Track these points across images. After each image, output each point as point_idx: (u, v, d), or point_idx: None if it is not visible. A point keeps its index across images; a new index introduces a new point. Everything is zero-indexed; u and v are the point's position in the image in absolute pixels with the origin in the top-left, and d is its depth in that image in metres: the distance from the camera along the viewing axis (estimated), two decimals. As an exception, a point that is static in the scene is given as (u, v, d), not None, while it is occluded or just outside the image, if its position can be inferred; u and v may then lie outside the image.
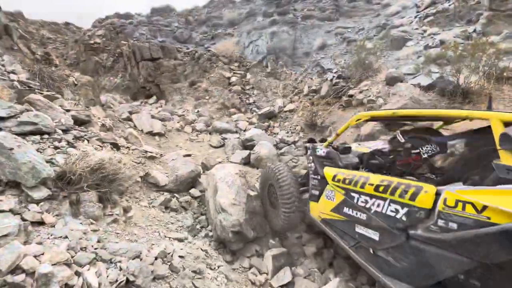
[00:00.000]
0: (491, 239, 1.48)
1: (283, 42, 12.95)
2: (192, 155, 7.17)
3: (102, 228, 2.42)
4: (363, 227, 2.31)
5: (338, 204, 2.58)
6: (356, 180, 2.37)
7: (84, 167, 2.44)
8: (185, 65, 14.25)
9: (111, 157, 2.71)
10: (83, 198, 2.49)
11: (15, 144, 2.37)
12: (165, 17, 19.88)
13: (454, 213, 1.66)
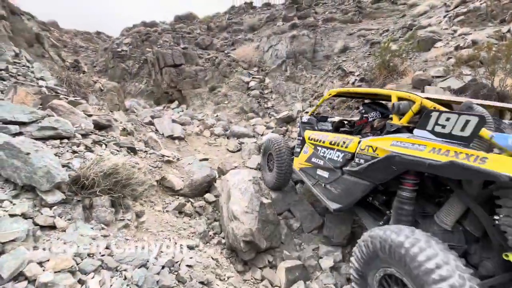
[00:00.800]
0: (377, 167, 2.25)
1: (303, 46, 12.74)
2: (209, 159, 7.16)
3: (112, 234, 2.40)
4: (320, 170, 3.25)
5: (310, 156, 3.54)
6: (320, 138, 3.35)
7: (98, 172, 2.45)
8: (205, 70, 14.49)
9: (124, 162, 2.70)
10: (96, 202, 2.49)
11: (33, 148, 2.42)
12: (188, 25, 20.42)
13: (363, 153, 2.48)
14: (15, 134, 2.81)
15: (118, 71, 17.03)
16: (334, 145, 2.99)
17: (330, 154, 3.07)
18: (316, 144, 3.40)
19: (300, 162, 3.78)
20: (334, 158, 2.96)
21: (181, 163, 4.82)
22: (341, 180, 2.81)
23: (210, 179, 4.64)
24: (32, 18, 8.55)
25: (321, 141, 3.29)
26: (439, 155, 1.79)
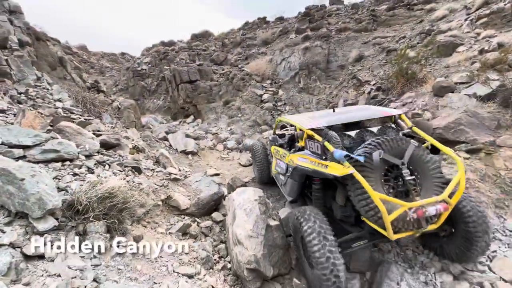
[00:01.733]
0: (295, 173, 3.48)
1: (316, 57, 12.53)
2: (221, 174, 7.01)
3: (104, 263, 2.25)
4: (280, 175, 4.32)
5: (275, 165, 4.61)
6: (277, 152, 4.46)
7: (91, 197, 2.34)
8: (220, 85, 14.64)
9: (121, 185, 2.58)
10: (90, 229, 2.37)
11: (29, 173, 2.37)
12: (204, 42, 20.99)
13: (289, 164, 3.65)
14: (18, 158, 2.81)
15: (138, 89, 17.70)
16: (281, 158, 4.20)
17: (281, 164, 4.23)
18: (276, 156, 4.61)
19: (273, 170, 4.88)
20: (282, 167, 4.12)
21: (189, 181, 4.68)
22: (287, 182, 3.96)
23: (218, 197, 4.44)
24: (58, 44, 9.07)
25: (277, 154, 4.46)
26: (312, 165, 2.99)
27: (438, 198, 2.37)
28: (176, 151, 8.42)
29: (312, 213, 2.71)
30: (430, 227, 2.49)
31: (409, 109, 6.88)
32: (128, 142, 5.18)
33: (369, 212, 2.42)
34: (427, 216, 2.38)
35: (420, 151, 2.61)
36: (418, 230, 2.46)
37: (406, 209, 2.32)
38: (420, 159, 2.58)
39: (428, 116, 6.11)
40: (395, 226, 2.38)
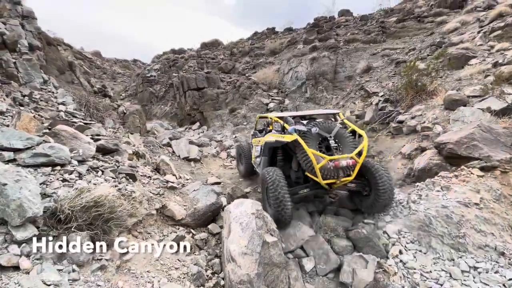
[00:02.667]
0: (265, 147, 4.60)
1: (323, 67, 12.42)
2: (222, 183, 6.83)
3: (83, 277, 2.08)
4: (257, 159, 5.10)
5: (254, 152, 5.57)
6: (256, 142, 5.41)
7: (75, 205, 2.19)
8: (226, 93, 14.64)
9: (108, 194, 2.43)
10: (71, 239, 2.21)
11: (13, 178, 2.25)
12: (213, 51, 21.21)
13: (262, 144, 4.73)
14: (8, 161, 2.71)
15: (147, 95, 17.88)
16: (258, 144, 5.19)
17: (257, 148, 5.24)
18: (255, 145, 5.56)
19: (252, 157, 5.76)
20: (258, 150, 5.12)
21: (186, 190, 4.52)
22: (261, 160, 4.81)
23: (215, 207, 4.26)
24: (69, 49, 9.22)
25: (256, 143, 5.42)
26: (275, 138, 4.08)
27: (348, 155, 3.62)
28: (178, 158, 8.31)
29: (274, 171, 3.83)
30: (346, 178, 3.76)
31: (418, 122, 6.63)
32: (129, 148, 5.08)
33: (307, 164, 3.66)
34: (341, 167, 3.59)
35: (342, 130, 4.08)
36: (338, 179, 3.67)
37: (327, 160, 3.51)
38: (342, 135, 4.00)
39: (439, 129, 5.84)
40: (323, 174, 3.59)
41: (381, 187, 3.81)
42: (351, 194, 4.54)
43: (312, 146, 3.70)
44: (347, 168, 3.68)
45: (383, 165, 4.24)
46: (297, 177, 4.27)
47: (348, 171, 3.72)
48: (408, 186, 5.45)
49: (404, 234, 4.29)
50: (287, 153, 4.46)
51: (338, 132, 3.96)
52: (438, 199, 4.34)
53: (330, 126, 4.04)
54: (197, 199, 4.22)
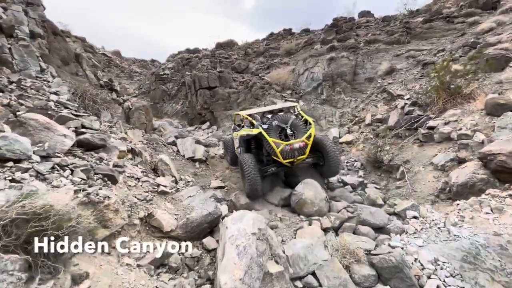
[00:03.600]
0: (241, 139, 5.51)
1: (341, 68, 11.57)
2: (226, 187, 6.15)
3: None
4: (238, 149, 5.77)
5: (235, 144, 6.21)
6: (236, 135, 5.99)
7: (3, 217, 1.58)
8: (238, 93, 14.05)
9: (51, 204, 1.80)
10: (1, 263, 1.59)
11: None
12: (227, 51, 20.76)
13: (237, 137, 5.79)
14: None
15: (159, 93, 17.57)
16: (237, 136, 5.72)
17: (236, 141, 5.87)
18: (235, 137, 5.96)
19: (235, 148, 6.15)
20: (237, 142, 5.84)
21: (180, 196, 3.86)
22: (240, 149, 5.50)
23: (213, 218, 3.58)
24: (79, 41, 8.90)
25: (236, 136, 5.81)
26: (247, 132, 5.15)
27: (300, 139, 4.64)
28: (183, 158, 7.72)
29: (248, 156, 4.77)
30: (301, 156, 4.74)
31: (453, 128, 5.71)
32: (122, 145, 4.51)
33: (271, 149, 4.62)
34: (296, 149, 4.59)
35: (296, 120, 4.98)
36: (295, 158, 4.68)
37: (285, 145, 4.52)
38: (296, 124, 4.90)
39: (481, 137, 4.92)
40: (283, 155, 4.57)
41: (331, 158, 4.97)
42: (313, 165, 5.51)
43: (273, 135, 4.68)
44: (300, 149, 4.66)
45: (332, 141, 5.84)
46: (267, 160, 5.22)
47: (301, 151, 4.69)
48: (443, 203, 4.57)
49: (442, 264, 3.46)
50: (258, 142, 5.27)
51: (293, 122, 4.92)
52: (488, 224, 3.48)
53: (287, 118, 4.99)
54: (192, 207, 3.56)
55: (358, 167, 6.80)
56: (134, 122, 8.29)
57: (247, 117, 5.62)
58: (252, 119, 5.43)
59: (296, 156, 4.68)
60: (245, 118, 5.73)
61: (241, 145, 5.53)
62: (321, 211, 4.56)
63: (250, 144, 5.48)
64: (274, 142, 4.55)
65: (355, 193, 5.71)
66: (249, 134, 5.12)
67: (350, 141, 7.79)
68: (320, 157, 5.21)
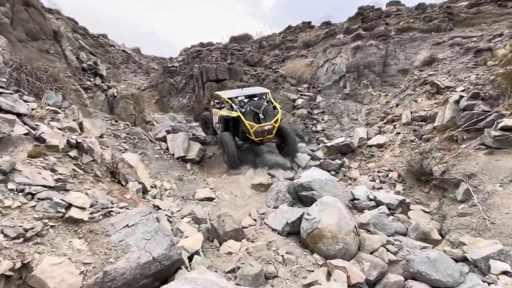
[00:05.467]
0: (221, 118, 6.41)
1: (369, 58, 9.70)
2: (217, 199, 4.59)
3: None
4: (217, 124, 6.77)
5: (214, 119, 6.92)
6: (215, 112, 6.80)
7: None
8: (249, 87, 12.50)
9: None
10: None
11: None
12: (241, 44, 19.28)
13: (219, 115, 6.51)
14: None
15: (166, 86, 16.36)
16: (216, 113, 6.62)
17: (216, 118, 6.69)
18: (215, 114, 6.80)
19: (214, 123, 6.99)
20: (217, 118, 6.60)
21: (109, 224, 2.31)
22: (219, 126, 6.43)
23: (161, 267, 2.02)
24: (67, 20, 7.72)
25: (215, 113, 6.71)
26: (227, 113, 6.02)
27: (269, 123, 5.64)
28: (172, 157, 6.26)
29: (228, 135, 5.86)
30: (269, 136, 5.80)
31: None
32: (58, 137, 3.08)
33: (246, 129, 5.59)
34: (265, 130, 5.60)
35: (268, 106, 6.02)
36: (265, 137, 5.74)
37: (257, 127, 5.54)
38: (267, 109, 5.92)
39: None
40: (255, 135, 5.58)
41: (290, 142, 6.03)
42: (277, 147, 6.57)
43: (249, 118, 5.65)
44: (268, 131, 5.69)
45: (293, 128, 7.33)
46: (242, 137, 6.13)
47: (269, 132, 5.72)
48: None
49: None
50: (235, 122, 6.10)
51: (265, 107, 5.91)
52: None
53: (260, 104, 5.95)
54: (127, 246, 2.03)
55: (394, 179, 5.01)
56: (119, 113, 6.94)
57: (228, 101, 6.19)
58: (232, 102, 6.08)
59: (265, 136, 5.71)
60: (226, 101, 6.29)
61: (221, 122, 6.43)
62: (347, 251, 2.89)
63: (229, 123, 6.32)
64: (249, 124, 5.52)
65: (393, 217, 3.96)
66: (229, 116, 5.99)
67: (382, 144, 5.99)
68: (283, 140, 6.19)
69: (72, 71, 6.42)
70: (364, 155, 6.13)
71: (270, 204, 4.29)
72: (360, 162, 5.98)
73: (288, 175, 5.68)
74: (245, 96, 6.30)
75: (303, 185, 4.19)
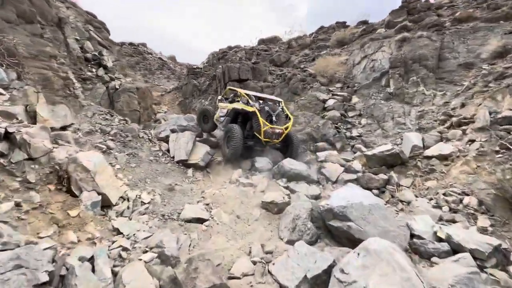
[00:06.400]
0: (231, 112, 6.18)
1: (419, 51, 7.93)
2: (211, 220, 3.32)
3: None
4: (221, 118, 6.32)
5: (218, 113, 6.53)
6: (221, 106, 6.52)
7: None
8: (273, 87, 11.24)
9: None
10: None
11: None
12: (269, 45, 18.22)
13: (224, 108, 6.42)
14: None
15: (190, 88, 15.79)
16: (224, 108, 6.33)
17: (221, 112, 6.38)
18: (220, 108, 6.51)
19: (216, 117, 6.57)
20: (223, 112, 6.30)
21: None
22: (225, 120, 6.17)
23: None
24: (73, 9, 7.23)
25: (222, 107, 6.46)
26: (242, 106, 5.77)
27: (280, 127, 5.64)
28: (170, 160, 5.19)
29: (237, 127, 5.54)
30: (277, 140, 5.70)
31: None
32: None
33: (257, 127, 5.47)
34: (275, 133, 5.54)
35: (281, 112, 6.05)
36: (273, 140, 5.66)
37: (269, 128, 5.44)
38: (280, 115, 5.95)
39: None
40: (264, 135, 5.44)
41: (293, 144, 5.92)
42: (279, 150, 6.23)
43: (263, 117, 5.56)
44: (278, 134, 5.63)
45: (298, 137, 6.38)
46: (247, 134, 5.89)
47: (278, 136, 5.66)
48: None
49: None
50: (245, 118, 6.14)
51: (279, 112, 5.98)
52: None
53: (275, 108, 6.04)
54: None
55: (473, 207, 3.34)
56: (120, 108, 6.09)
57: (245, 95, 6.11)
58: (249, 98, 6.02)
59: (273, 139, 5.67)
60: (243, 95, 6.20)
61: (229, 116, 6.23)
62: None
63: (237, 117, 6.26)
64: (263, 122, 5.44)
65: (488, 276, 2.35)
66: (244, 110, 5.80)
67: (446, 155, 4.29)
68: (285, 145, 6.07)
69: (72, 59, 5.72)
70: (419, 169, 4.47)
71: (283, 235, 2.92)
72: (415, 179, 4.34)
73: (313, 191, 4.25)
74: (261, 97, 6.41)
75: (334, 211, 2.75)
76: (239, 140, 5.32)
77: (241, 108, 5.81)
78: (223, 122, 6.24)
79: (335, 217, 2.80)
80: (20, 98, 3.08)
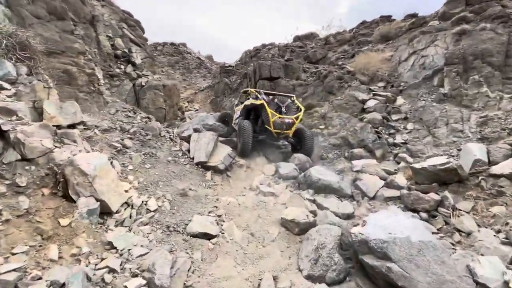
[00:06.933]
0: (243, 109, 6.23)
1: (482, 45, 6.63)
2: (221, 236, 2.90)
3: None
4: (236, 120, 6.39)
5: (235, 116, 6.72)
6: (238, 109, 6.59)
7: None
8: (307, 86, 10.51)
9: None
10: None
11: None
12: (304, 41, 17.36)
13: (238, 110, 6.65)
14: None
15: (222, 86, 15.76)
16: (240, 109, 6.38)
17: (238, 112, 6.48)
18: (236, 110, 6.75)
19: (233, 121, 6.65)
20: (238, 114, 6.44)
21: None
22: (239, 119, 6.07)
23: None
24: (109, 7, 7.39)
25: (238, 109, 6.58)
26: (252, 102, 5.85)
27: (290, 117, 5.65)
28: (189, 162, 4.90)
29: (247, 122, 5.52)
30: (287, 132, 5.66)
31: None
32: None
33: (266, 118, 5.52)
34: (285, 123, 5.55)
35: (291, 104, 6.12)
36: (284, 131, 5.62)
37: (277, 118, 5.49)
38: (290, 106, 6.03)
39: None
40: (274, 126, 5.48)
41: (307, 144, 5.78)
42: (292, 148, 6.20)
43: (271, 109, 5.62)
44: (288, 124, 5.59)
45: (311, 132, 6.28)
46: (259, 129, 5.97)
47: (288, 126, 5.62)
48: None
49: None
50: (256, 114, 6.19)
51: (288, 104, 6.07)
52: None
53: (284, 100, 6.18)
54: None
55: None
56: (146, 105, 6.02)
57: (254, 91, 6.35)
58: (257, 93, 6.10)
59: (284, 129, 5.63)
60: (252, 92, 6.46)
61: (242, 115, 6.24)
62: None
63: (250, 114, 6.34)
64: (271, 112, 5.51)
65: None
66: (252, 104, 5.93)
67: (525, 174, 3.31)
68: (299, 142, 5.99)
69: (102, 56, 5.76)
70: (483, 190, 3.54)
71: (302, 266, 2.37)
72: (476, 203, 3.44)
73: (345, 209, 3.58)
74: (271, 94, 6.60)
75: (370, 245, 2.12)
76: (249, 133, 5.37)
77: (250, 103, 5.94)
78: (237, 124, 6.25)
79: (371, 251, 2.17)
80: (27, 94, 3.00)
